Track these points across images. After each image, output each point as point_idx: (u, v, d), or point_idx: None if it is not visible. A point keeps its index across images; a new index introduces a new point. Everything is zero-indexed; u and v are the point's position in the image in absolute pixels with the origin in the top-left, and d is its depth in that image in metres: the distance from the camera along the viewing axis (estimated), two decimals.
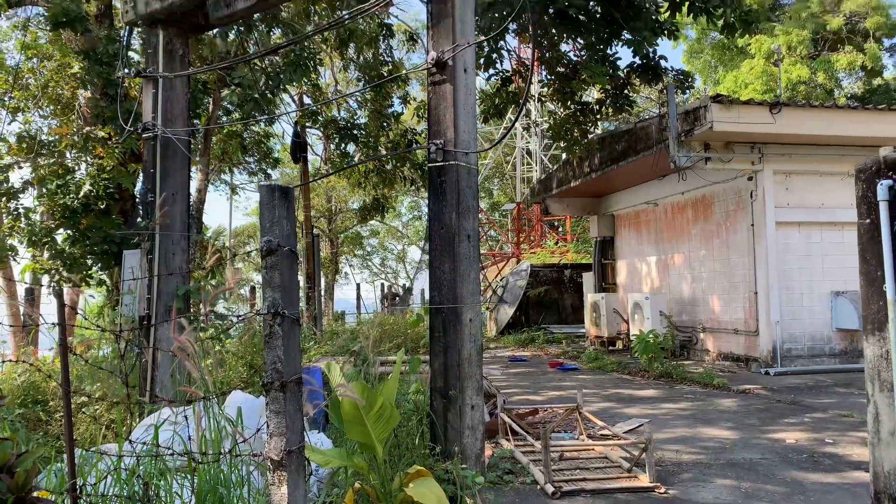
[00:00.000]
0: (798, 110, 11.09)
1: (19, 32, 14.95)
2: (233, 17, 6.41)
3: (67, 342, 2.99)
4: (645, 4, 10.26)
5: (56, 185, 10.40)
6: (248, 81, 11.23)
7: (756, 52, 27.48)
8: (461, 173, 4.62)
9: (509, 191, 38.29)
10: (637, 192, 15.82)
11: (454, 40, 4.55)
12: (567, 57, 12.85)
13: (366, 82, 15.04)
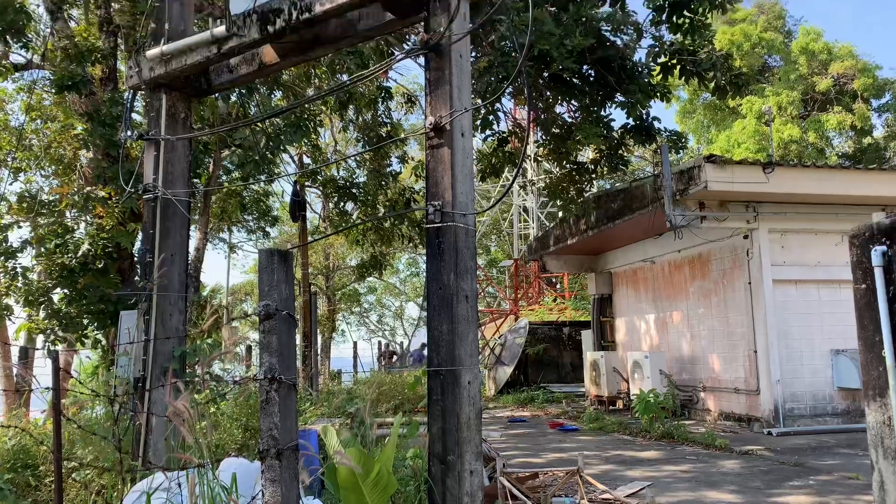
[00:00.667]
0: (791, 170, 11.26)
1: (24, 94, 15.25)
2: (235, 83, 6.56)
3: (61, 406, 2.95)
4: (637, 68, 10.51)
5: (55, 245, 10.43)
6: (248, 142, 11.39)
7: (748, 112, 28.06)
8: (459, 234, 4.65)
9: (507, 247, 38.46)
10: (634, 249, 15.89)
11: (451, 106, 4.65)
12: (562, 118, 13.10)
13: (365, 143, 15.27)
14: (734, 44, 28.00)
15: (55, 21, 11.45)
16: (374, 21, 5.32)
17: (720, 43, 27.50)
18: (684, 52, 9.89)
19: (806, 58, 28.27)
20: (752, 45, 28.55)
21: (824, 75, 28.26)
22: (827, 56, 28.20)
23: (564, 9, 10.53)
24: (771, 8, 31.62)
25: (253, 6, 5.43)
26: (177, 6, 6.42)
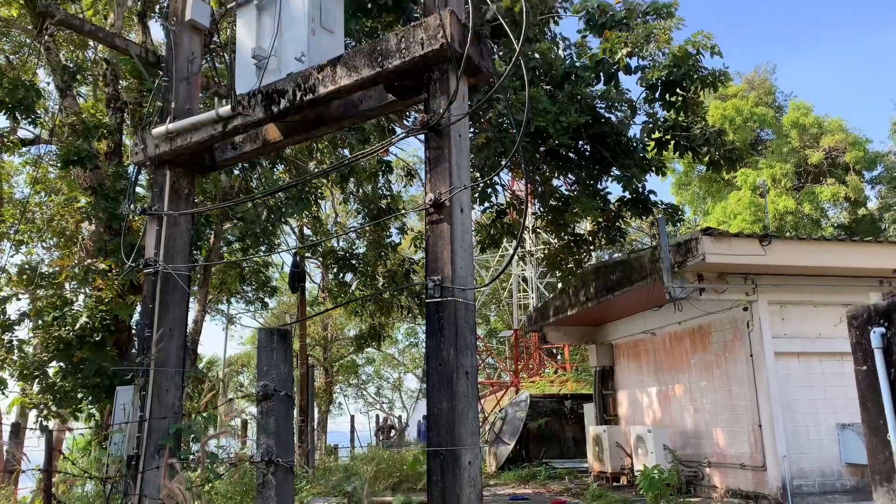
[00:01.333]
0: (788, 243, 11.34)
1: (30, 168, 15.50)
2: (239, 160, 6.69)
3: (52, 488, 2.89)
4: (632, 143, 10.75)
5: (52, 317, 10.40)
6: (250, 215, 11.51)
7: (742, 183, 28.48)
8: (459, 309, 4.65)
9: (506, 317, 38.30)
10: (634, 321, 15.82)
11: (451, 183, 4.73)
12: (559, 191, 13.30)
13: (365, 215, 15.43)
14: (727, 118, 28.68)
15: (64, 98, 11.76)
16: (376, 102, 5.47)
17: (713, 117, 28.17)
18: (678, 127, 10.13)
19: (797, 131, 28.91)
20: (745, 119, 29.24)
21: (816, 148, 28.83)
22: (818, 130, 28.84)
23: (560, 87, 10.85)
24: (761, 84, 32.53)
25: (258, 87, 5.59)
26: (184, 86, 6.61)
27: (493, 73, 5.23)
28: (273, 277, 21.56)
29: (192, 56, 6.67)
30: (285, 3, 5.61)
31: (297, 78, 5.38)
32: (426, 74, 4.98)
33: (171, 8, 6.90)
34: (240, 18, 6.07)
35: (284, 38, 5.61)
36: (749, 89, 31.77)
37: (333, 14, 5.74)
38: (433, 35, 4.73)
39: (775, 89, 32.60)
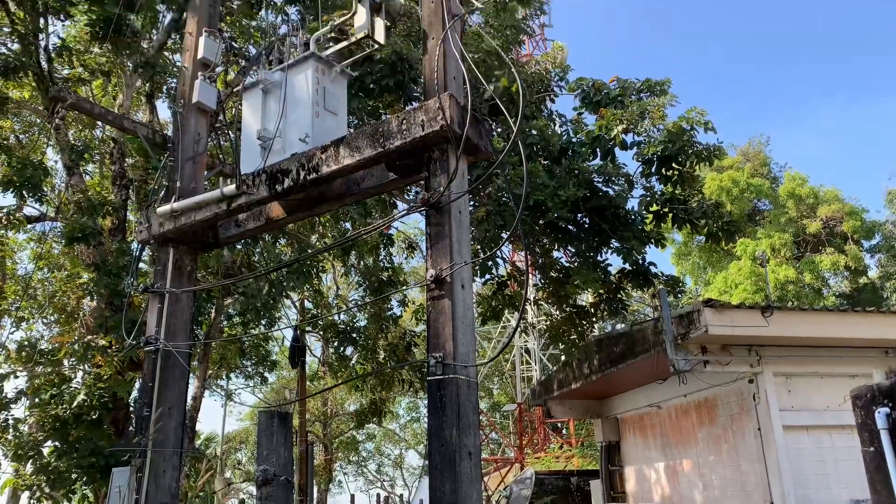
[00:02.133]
0: (790, 313, 11.29)
1: (34, 244, 15.63)
2: (242, 237, 6.77)
3: None
4: (630, 216, 10.87)
5: (50, 395, 10.28)
6: (251, 290, 11.54)
7: (742, 253, 28.61)
8: (461, 387, 4.61)
9: (509, 390, 37.75)
10: (640, 394, 15.60)
11: (451, 259, 4.77)
12: (559, 263, 13.36)
13: (366, 287, 15.45)
14: (724, 189, 29.07)
15: (71, 176, 11.97)
16: (378, 180, 5.58)
17: (710, 188, 28.56)
18: (675, 200, 10.26)
19: (794, 202, 29.25)
20: (741, 190, 29.63)
21: (813, 218, 29.11)
22: (814, 200, 29.19)
23: (557, 162, 11.06)
24: (756, 155, 33.12)
25: (263, 167, 5.71)
26: (189, 165, 6.76)
27: (492, 151, 5.36)
28: (273, 351, 21.41)
29: (197, 136, 6.84)
30: (290, 87, 5.79)
31: (300, 158, 5.50)
32: (426, 154, 5.09)
33: (179, 91, 7.12)
34: (246, 101, 6.25)
35: (289, 120, 5.77)
36: (744, 161, 32.33)
37: (337, 97, 5.92)
38: (433, 117, 4.86)
39: (770, 160, 33.18)
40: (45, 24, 12.09)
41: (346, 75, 6.16)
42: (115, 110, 13.42)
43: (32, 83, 12.13)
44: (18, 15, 11.80)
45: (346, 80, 6.24)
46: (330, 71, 5.91)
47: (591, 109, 11.13)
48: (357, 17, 5.73)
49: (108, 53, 12.94)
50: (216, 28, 7.26)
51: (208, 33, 6.91)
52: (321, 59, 5.84)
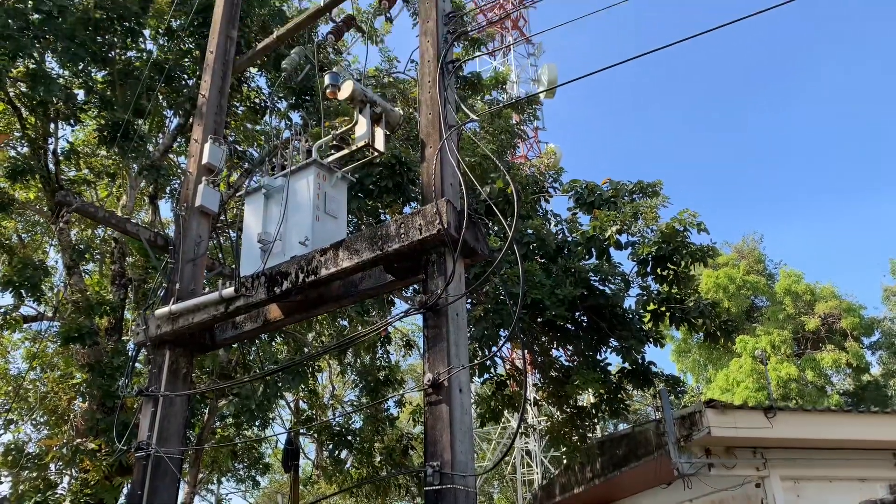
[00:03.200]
0: (793, 414, 11.10)
1: (29, 343, 15.52)
2: (239, 338, 6.75)
3: None
4: (628, 315, 10.88)
5: (34, 502, 9.93)
6: (246, 391, 11.38)
7: (742, 350, 28.41)
8: (459, 497, 4.47)
9: (510, 494, 36.45)
10: (645, 499, 15.07)
11: (449, 363, 4.75)
12: (559, 362, 13.24)
13: (363, 388, 15.22)
14: (720, 286, 29.20)
15: (71, 276, 12.04)
16: (376, 282, 5.62)
17: (706, 285, 28.70)
18: (672, 300, 10.31)
19: (791, 298, 29.33)
20: (738, 287, 29.76)
21: (811, 315, 29.10)
22: (811, 296, 29.28)
23: (553, 260, 11.18)
24: (750, 252, 33.48)
25: (262, 269, 5.77)
26: (189, 267, 6.82)
27: (489, 254, 5.43)
28: (266, 454, 20.82)
29: (199, 239, 6.95)
30: (292, 192, 5.94)
31: (300, 261, 5.57)
32: (424, 257, 5.16)
33: (182, 195, 7.28)
34: (248, 205, 6.39)
35: (289, 224, 5.88)
36: (739, 258, 32.64)
37: (338, 201, 6.06)
38: (431, 221, 4.97)
39: (764, 257, 33.50)
40: (55, 128, 12.52)
41: (346, 180, 6.33)
42: (118, 211, 13.68)
43: (39, 185, 12.41)
44: (30, 120, 12.22)
45: (347, 185, 6.40)
46: (331, 176, 6.08)
47: (586, 210, 11.36)
48: (358, 126, 5.95)
49: (114, 156, 13.32)
50: (221, 135, 7.52)
51: (213, 140, 7.14)
52: (322, 166, 6.02)
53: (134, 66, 12.21)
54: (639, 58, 4.87)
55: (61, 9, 10.33)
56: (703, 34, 4.71)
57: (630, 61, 4.91)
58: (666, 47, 4.76)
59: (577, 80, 5.40)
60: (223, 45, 7.86)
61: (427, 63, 5.90)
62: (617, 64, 4.93)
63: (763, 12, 4.49)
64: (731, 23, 4.60)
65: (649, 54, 4.79)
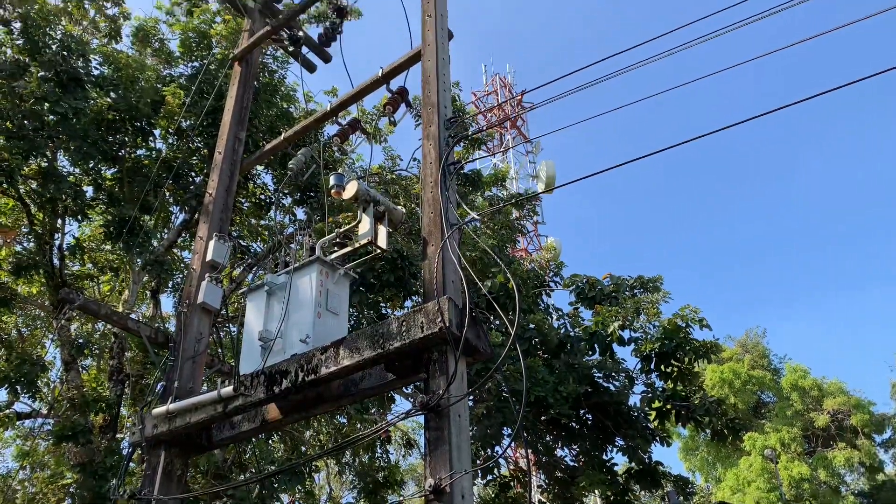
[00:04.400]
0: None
1: (21, 440, 15.15)
2: (236, 439, 6.58)
3: None
4: (633, 412, 10.67)
5: None
6: (241, 493, 11.01)
7: (751, 447, 27.67)
8: None
9: None
10: None
11: (451, 467, 4.62)
12: (564, 462, 12.87)
13: (361, 489, 14.73)
14: (725, 381, 28.77)
15: (68, 371, 11.91)
16: (376, 381, 5.55)
17: (711, 380, 28.28)
18: (677, 397, 10.14)
19: (798, 394, 28.83)
20: (743, 382, 29.33)
21: (820, 411, 28.53)
22: (818, 392, 28.80)
23: (556, 356, 11.08)
24: (754, 347, 33.18)
25: (262, 368, 5.71)
26: (189, 365, 6.75)
27: (491, 352, 5.39)
28: None
29: (199, 336, 6.91)
30: (294, 289, 5.96)
31: (300, 359, 5.52)
32: (425, 355, 5.12)
33: (185, 291, 7.30)
34: (249, 302, 6.40)
35: (291, 321, 5.87)
36: (743, 352, 32.32)
37: (340, 298, 6.07)
38: (432, 319, 4.96)
39: (769, 352, 33.17)
40: (62, 224, 12.71)
41: (349, 277, 6.36)
42: (120, 305, 13.68)
43: (42, 279, 12.48)
44: (38, 216, 12.42)
45: (349, 282, 6.43)
46: (333, 274, 6.11)
47: (587, 305, 11.36)
48: (361, 224, 6.04)
49: (119, 251, 13.45)
50: (226, 232, 7.62)
51: (218, 237, 7.23)
52: (325, 263, 6.06)
53: (143, 164, 12.53)
54: (634, 161, 5.01)
55: (77, 110, 10.70)
56: (703, 136, 4.86)
57: (626, 159, 5.05)
58: (663, 150, 4.90)
59: (575, 180, 5.52)
60: (231, 146, 8.09)
61: (429, 164, 6.06)
62: (613, 167, 5.07)
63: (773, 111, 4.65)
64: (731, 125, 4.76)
65: (645, 157, 4.93)
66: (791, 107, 4.48)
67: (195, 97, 11.69)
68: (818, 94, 4.37)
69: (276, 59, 13.69)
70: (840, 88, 4.31)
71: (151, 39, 13.54)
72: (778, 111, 4.40)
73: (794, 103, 4.47)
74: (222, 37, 12.94)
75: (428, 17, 6.62)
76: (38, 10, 11.54)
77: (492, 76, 38.60)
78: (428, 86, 6.38)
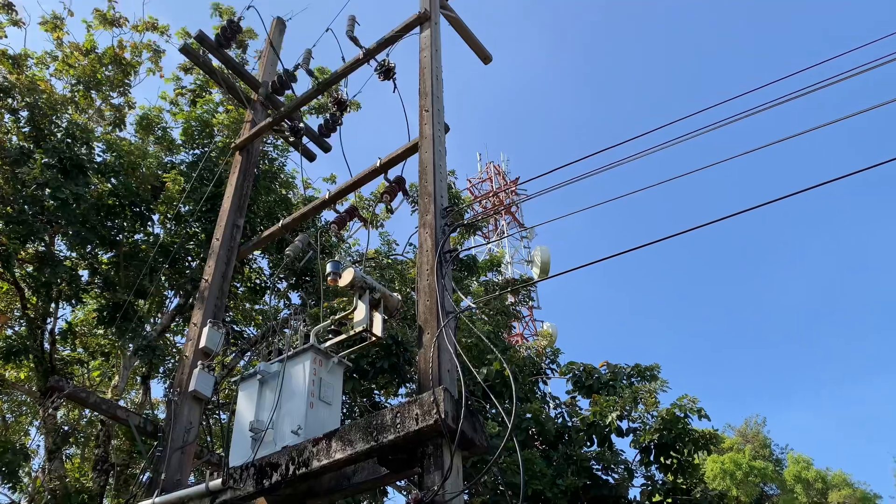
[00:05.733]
0: None
1: None
2: None
3: None
4: None
5: None
6: None
7: None
8: None
9: None
10: None
11: None
12: None
13: None
14: (726, 472, 28.00)
15: (52, 460, 11.56)
16: (369, 475, 5.40)
17: (711, 471, 27.52)
18: (678, 490, 9.87)
19: (802, 486, 28.05)
20: (745, 473, 28.54)
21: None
22: (822, 484, 28.04)
23: (553, 447, 10.84)
24: (754, 436, 32.50)
25: (252, 460, 5.57)
26: (177, 455, 6.57)
27: (488, 446, 5.27)
28: None
29: (189, 426, 6.76)
30: (287, 377, 5.88)
31: (291, 451, 5.38)
32: (420, 449, 5.00)
33: (176, 379, 7.20)
34: (242, 391, 6.29)
35: (283, 411, 5.76)
36: (743, 442, 31.63)
37: (333, 388, 5.98)
38: (427, 411, 4.87)
39: (770, 442, 32.44)
40: (55, 308, 12.63)
41: (342, 365, 6.29)
42: (109, 391, 13.42)
43: (31, 364, 12.28)
44: (32, 300, 12.36)
45: (343, 370, 6.35)
46: (327, 362, 6.04)
47: (584, 394, 11.21)
48: (357, 312, 6.02)
49: (110, 336, 13.31)
50: (220, 318, 7.58)
51: (212, 323, 7.18)
52: (319, 351, 6.01)
53: (140, 248, 12.58)
54: (630, 252, 5.06)
55: (77, 196, 10.83)
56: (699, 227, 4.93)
57: (622, 244, 5.10)
58: (657, 242, 4.96)
59: (566, 271, 5.55)
60: (229, 233, 8.16)
61: (426, 252, 6.10)
62: (607, 258, 5.11)
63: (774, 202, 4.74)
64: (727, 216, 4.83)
65: (638, 249, 4.98)
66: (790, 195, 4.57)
67: (195, 183, 11.87)
68: (812, 186, 4.48)
69: (277, 148, 13.99)
70: (841, 179, 4.41)
71: (154, 127, 13.87)
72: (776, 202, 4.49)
73: (792, 195, 4.56)
74: (224, 125, 13.27)
75: (426, 111, 6.83)
76: (45, 100, 11.87)
77: (486, 163, 39.47)
78: (425, 176, 6.51)
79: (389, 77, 7.67)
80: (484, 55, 8.75)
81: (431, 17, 7.55)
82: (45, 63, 13.49)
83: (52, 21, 13.67)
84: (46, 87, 12.35)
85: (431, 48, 7.24)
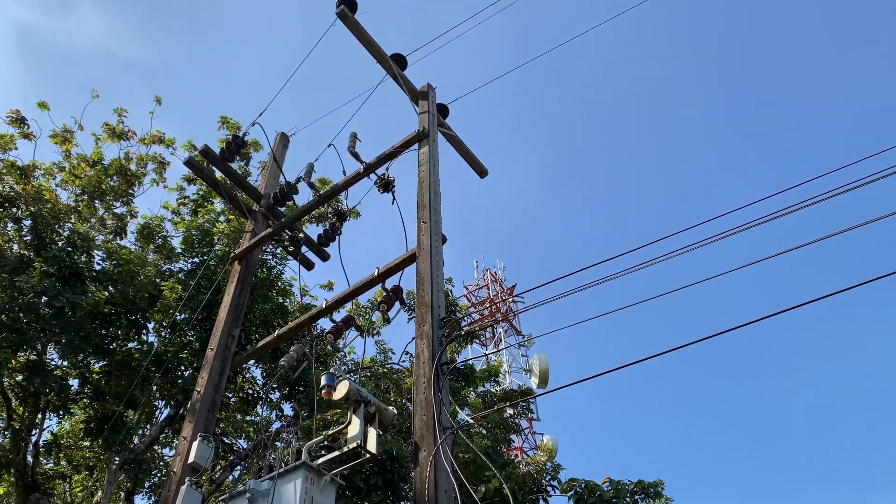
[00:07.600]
0: None
1: None
2: None
3: None
4: None
5: None
6: None
7: None
8: None
9: None
10: None
11: None
12: None
13: None
14: None
15: None
16: None
17: None
18: None
19: None
20: None
21: None
22: None
23: None
24: None
25: None
26: None
27: None
28: None
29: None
30: (278, 496, 5.65)
31: None
32: None
33: (162, 496, 6.92)
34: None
35: None
36: None
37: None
38: None
39: None
40: (41, 419, 12.28)
41: (335, 483, 6.05)
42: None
43: (12, 479, 11.80)
44: (18, 410, 12.04)
45: (336, 488, 6.10)
46: (319, 480, 5.81)
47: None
48: (351, 426, 5.86)
49: (97, 448, 12.87)
50: (211, 432, 7.37)
51: (202, 437, 6.97)
52: (311, 469, 5.79)
53: (133, 357, 12.39)
54: (630, 366, 4.99)
55: (73, 304, 10.76)
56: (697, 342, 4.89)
57: (624, 357, 5.02)
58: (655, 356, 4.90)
59: (565, 385, 5.45)
60: (224, 343, 8.08)
61: (423, 364, 6.02)
62: (604, 373, 5.03)
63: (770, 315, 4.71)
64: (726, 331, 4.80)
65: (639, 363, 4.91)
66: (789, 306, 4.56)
67: (192, 291, 11.86)
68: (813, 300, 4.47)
69: (276, 256, 14.09)
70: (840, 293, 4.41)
71: (155, 236, 14.02)
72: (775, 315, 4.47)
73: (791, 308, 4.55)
74: (224, 234, 13.42)
75: (423, 223, 6.93)
76: (49, 209, 12.05)
77: (483, 271, 39.71)
78: (422, 286, 6.53)
79: (388, 190, 7.85)
80: (480, 169, 8.99)
81: (430, 135, 7.82)
82: (52, 174, 13.81)
83: (63, 134, 14.10)
84: (51, 197, 12.58)
85: (429, 163, 7.46)
